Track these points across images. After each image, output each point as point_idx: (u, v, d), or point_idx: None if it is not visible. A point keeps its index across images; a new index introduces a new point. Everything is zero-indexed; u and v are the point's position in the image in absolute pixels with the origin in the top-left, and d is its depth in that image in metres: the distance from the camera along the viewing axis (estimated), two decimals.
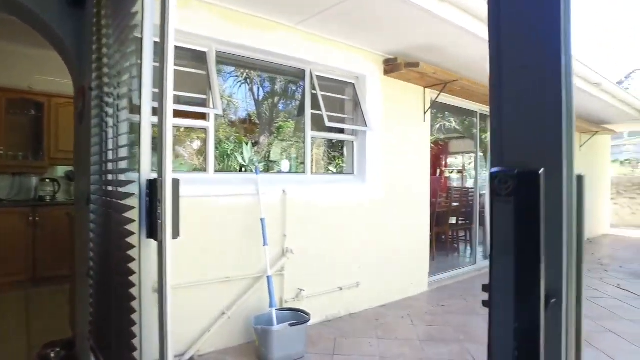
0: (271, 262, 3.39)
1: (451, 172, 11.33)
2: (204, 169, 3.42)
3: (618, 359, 3.15)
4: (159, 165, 1.29)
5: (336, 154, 5.44)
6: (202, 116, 3.34)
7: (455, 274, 5.57)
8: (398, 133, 4.64)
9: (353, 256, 4.11)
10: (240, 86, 6.32)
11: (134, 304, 1.39)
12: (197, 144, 5.70)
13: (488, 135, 6.45)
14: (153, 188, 1.31)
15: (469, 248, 7.05)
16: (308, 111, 3.97)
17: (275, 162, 5.62)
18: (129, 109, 1.70)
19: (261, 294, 3.36)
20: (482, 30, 3.82)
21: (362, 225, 4.20)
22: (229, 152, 5.47)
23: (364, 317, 3.98)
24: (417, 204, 4.89)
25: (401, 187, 4.66)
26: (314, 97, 3.98)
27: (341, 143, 4.63)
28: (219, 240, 3.19)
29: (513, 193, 0.56)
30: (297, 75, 4.05)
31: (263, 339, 2.97)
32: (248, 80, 6.15)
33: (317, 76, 4.02)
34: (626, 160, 13.95)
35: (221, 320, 3.16)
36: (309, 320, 3.14)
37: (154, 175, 1.32)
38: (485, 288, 0.59)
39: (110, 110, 1.76)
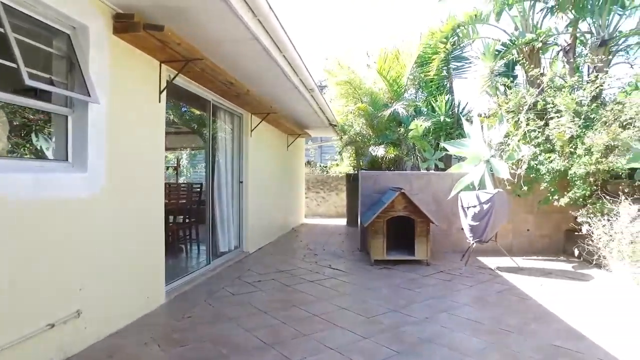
0: None
1: (167, 169, 10.59)
2: None
3: (356, 331, 3.45)
4: None
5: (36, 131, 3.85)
6: None
7: (192, 278, 5.00)
8: (130, 112, 3.69)
9: (72, 274, 2.93)
10: None
11: None
12: None
13: (219, 129, 6.20)
14: None
15: (199, 248, 6.61)
16: None
17: None
18: None
19: None
20: (241, 7, 3.49)
21: (84, 230, 3.06)
22: None
23: (93, 357, 2.89)
24: (151, 202, 4.06)
25: (133, 179, 3.73)
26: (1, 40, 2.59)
27: (48, 117, 3.25)
28: None
29: None
30: None
31: None
32: None
33: (5, 6, 2.63)
34: (309, 162, 16.91)
35: None
36: None
37: None
38: None
39: None
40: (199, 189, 6.97)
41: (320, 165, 16.07)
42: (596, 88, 6.13)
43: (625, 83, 7.01)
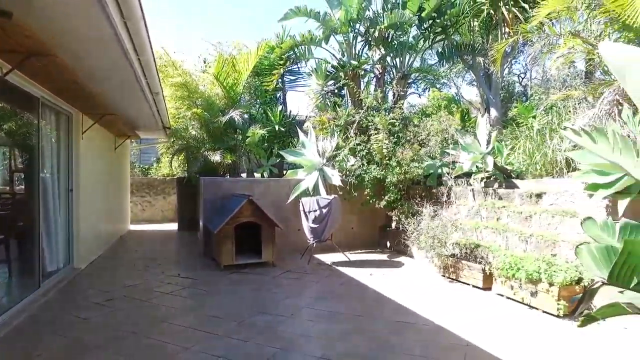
0: None
1: None
2: None
3: (236, 336, 3.63)
4: None
5: None
6: None
7: (23, 307, 4.20)
8: None
9: None
10: None
11: None
12: None
13: (46, 130, 5.29)
14: None
15: (19, 269, 5.45)
16: None
17: None
18: None
19: None
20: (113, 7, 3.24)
21: None
22: None
23: None
24: None
25: None
26: None
27: None
28: None
29: None
30: None
31: None
32: None
33: None
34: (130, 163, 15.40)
35: None
36: None
37: None
38: None
39: None
40: (9, 198, 5.78)
41: (140, 167, 14.87)
42: (401, 113, 7.71)
43: (417, 110, 8.96)
